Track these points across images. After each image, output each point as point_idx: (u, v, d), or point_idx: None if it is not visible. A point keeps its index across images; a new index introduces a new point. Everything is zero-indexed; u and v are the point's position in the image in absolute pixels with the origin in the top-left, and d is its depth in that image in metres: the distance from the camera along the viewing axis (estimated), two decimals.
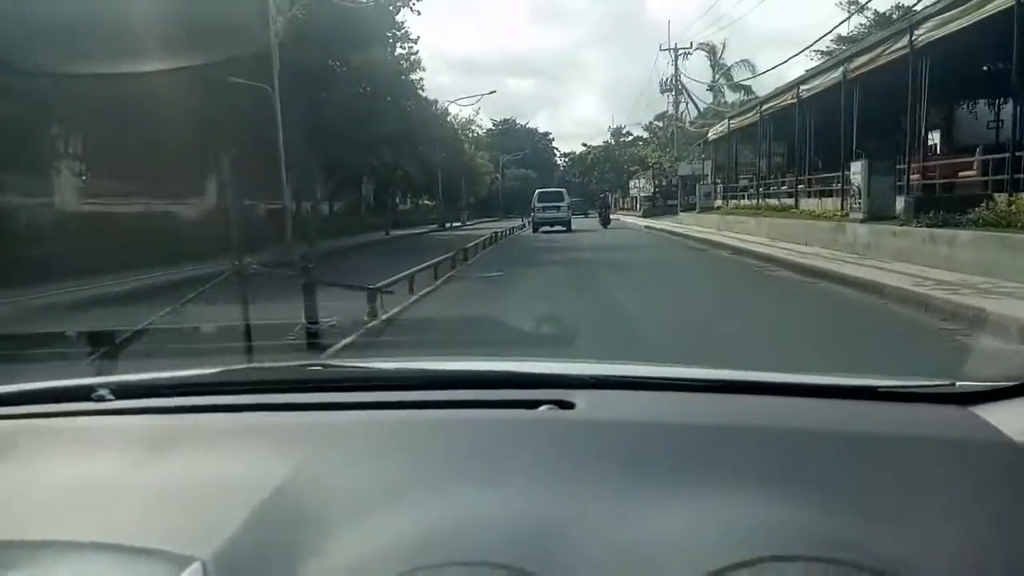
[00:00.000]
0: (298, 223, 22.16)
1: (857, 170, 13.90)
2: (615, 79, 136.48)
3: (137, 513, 0.89)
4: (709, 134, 30.59)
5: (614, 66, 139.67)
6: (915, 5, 15.16)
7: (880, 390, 1.14)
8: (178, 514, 0.87)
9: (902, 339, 6.56)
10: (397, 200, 45.33)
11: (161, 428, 1.13)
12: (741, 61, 50.06)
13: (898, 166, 14.40)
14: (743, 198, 27.01)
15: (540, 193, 31.85)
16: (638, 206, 55.06)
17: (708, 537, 0.77)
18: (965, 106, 20.50)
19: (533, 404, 1.10)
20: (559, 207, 30.04)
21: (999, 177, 11.98)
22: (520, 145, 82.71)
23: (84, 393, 1.21)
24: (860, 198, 13.59)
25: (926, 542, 0.78)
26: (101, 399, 1.19)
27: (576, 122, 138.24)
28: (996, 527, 0.82)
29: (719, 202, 28.86)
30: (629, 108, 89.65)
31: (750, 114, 24.70)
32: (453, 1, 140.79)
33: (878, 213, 13.01)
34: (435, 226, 40.65)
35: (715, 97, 50.90)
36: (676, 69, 46.74)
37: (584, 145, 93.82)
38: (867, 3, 33.16)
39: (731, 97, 52.04)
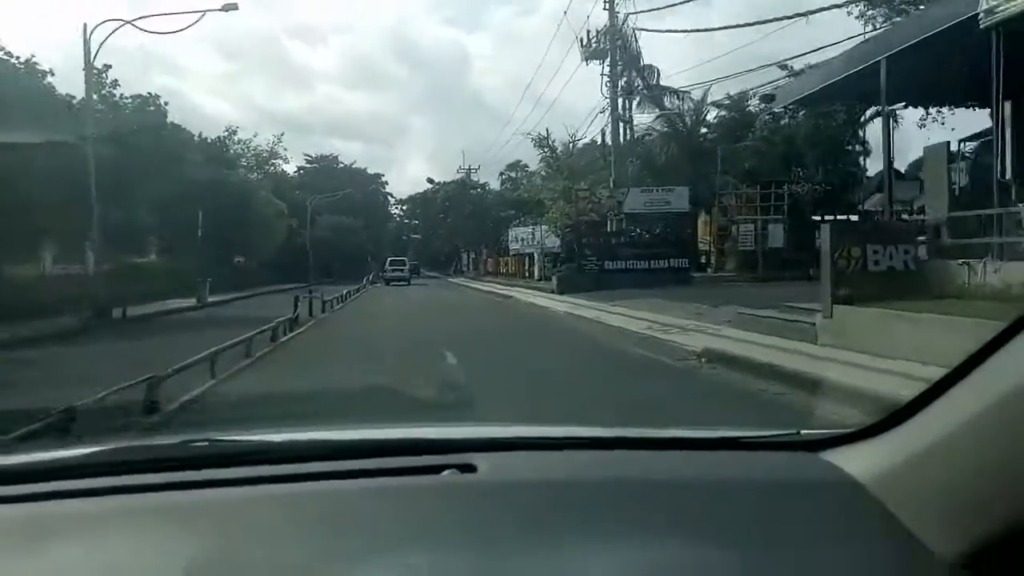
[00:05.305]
0: None
1: None
2: (443, 145, 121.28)
3: None
4: None
5: (442, 132, 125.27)
6: None
7: (740, 440, 1.29)
8: None
9: None
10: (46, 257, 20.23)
11: (38, 516, 1.04)
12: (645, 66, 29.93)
13: None
14: None
15: (391, 260, 49.38)
16: (534, 269, 33.17)
17: None
18: None
19: (436, 469, 1.12)
20: (402, 269, 47.29)
21: None
22: (340, 185, 58.90)
23: None
24: None
25: (788, 569, 0.91)
26: None
27: (411, 182, 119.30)
28: (841, 559, 0.92)
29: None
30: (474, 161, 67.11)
31: None
32: (276, 62, 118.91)
33: None
34: (92, 315, 16.35)
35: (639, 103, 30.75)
36: (611, 11, 25.49)
37: (430, 181, 70.66)
38: None
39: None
